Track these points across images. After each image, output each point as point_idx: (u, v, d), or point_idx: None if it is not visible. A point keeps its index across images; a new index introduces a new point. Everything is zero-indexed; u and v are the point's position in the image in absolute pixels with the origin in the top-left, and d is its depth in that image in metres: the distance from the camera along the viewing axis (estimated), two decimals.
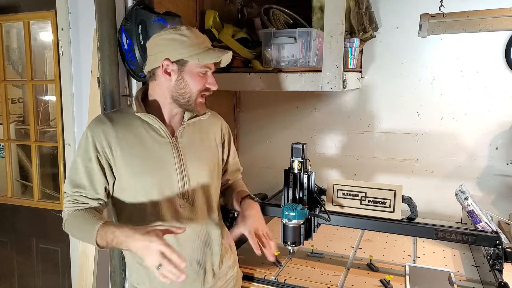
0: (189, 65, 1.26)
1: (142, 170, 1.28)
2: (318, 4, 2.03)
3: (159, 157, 1.30)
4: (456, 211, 2.31)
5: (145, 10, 1.66)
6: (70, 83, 1.96)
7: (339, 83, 1.77)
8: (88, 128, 1.30)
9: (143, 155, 1.28)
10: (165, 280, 1.07)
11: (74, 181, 1.28)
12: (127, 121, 1.30)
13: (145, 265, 1.12)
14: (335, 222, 1.65)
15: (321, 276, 1.66)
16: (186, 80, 1.27)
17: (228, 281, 1.49)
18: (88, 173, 1.27)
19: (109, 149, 1.27)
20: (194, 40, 1.26)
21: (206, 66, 1.29)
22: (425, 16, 1.86)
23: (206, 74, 1.30)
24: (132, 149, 1.27)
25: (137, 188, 1.29)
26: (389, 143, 2.49)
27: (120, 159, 1.27)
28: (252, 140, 2.81)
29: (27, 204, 2.34)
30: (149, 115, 1.30)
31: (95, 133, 1.27)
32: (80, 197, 1.27)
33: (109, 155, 1.27)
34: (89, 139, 1.27)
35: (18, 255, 2.41)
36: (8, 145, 2.41)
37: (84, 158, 1.27)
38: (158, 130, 1.31)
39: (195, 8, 2.18)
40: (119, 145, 1.27)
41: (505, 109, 2.23)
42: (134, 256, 1.32)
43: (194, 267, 1.36)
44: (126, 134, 1.28)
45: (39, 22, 2.39)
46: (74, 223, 1.27)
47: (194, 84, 1.28)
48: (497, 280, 1.45)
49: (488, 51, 2.22)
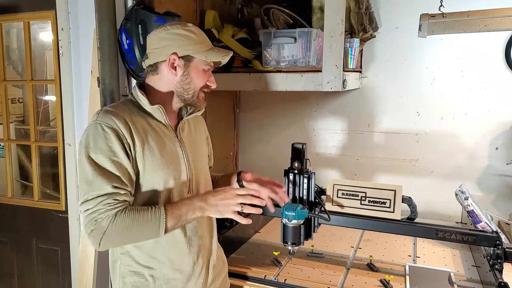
0: (195, 61, 1.29)
1: (160, 164, 1.25)
2: (318, 4, 2.02)
3: (171, 150, 1.30)
4: (456, 211, 2.31)
5: (145, 10, 1.66)
6: (70, 83, 1.96)
7: (339, 83, 1.77)
8: (99, 121, 1.19)
9: (159, 149, 1.26)
10: (247, 221, 1.23)
11: (110, 178, 1.16)
12: (133, 114, 1.26)
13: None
14: (335, 222, 1.65)
15: (321, 276, 1.66)
16: (191, 76, 1.29)
17: (221, 275, 1.50)
18: (120, 168, 1.17)
19: (131, 140, 1.20)
20: (201, 38, 1.30)
21: (209, 64, 1.32)
22: (425, 16, 1.86)
23: (208, 72, 1.34)
24: (149, 143, 1.24)
25: (150, 182, 1.25)
26: (389, 143, 2.48)
27: (140, 152, 1.22)
28: (252, 140, 2.81)
29: (27, 204, 2.33)
30: (159, 107, 1.28)
31: (113, 125, 1.18)
32: (120, 195, 1.16)
33: (131, 146, 1.20)
34: (107, 131, 1.17)
35: (18, 255, 2.41)
36: (8, 145, 2.41)
37: (108, 152, 1.17)
38: (164, 124, 1.31)
39: (195, 8, 2.19)
40: (138, 137, 1.22)
41: (505, 109, 2.23)
42: (132, 258, 1.29)
43: (200, 262, 1.36)
44: (138, 126, 1.24)
45: (39, 22, 2.38)
46: (127, 224, 1.15)
47: (199, 80, 1.31)
48: (497, 280, 1.45)
49: (488, 51, 2.22)
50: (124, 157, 1.19)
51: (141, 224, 1.16)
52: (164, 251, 1.29)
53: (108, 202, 1.14)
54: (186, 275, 1.33)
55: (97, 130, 1.18)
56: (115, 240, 1.19)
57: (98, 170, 1.16)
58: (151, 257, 1.29)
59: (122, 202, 1.17)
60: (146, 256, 1.29)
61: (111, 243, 1.21)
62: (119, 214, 1.15)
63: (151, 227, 1.17)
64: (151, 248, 1.28)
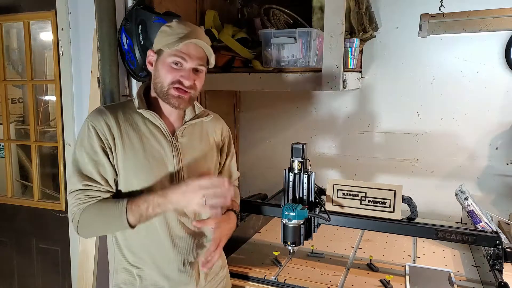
0: (164, 54, 1.24)
1: (142, 167, 1.25)
2: (318, 4, 2.03)
3: (159, 155, 1.28)
4: (456, 211, 2.31)
5: (145, 10, 1.66)
6: (70, 83, 1.96)
7: (339, 83, 1.77)
8: (89, 119, 1.24)
9: (143, 152, 1.26)
10: (216, 211, 1.18)
11: (83, 175, 1.21)
12: (128, 116, 1.27)
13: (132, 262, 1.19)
14: (335, 222, 1.65)
15: (321, 276, 1.66)
16: (158, 70, 1.25)
17: (218, 280, 1.47)
18: (97, 166, 1.22)
19: (113, 141, 1.23)
20: (176, 30, 1.23)
21: (178, 56, 1.22)
22: (425, 16, 1.86)
23: (181, 67, 1.24)
24: (133, 145, 1.25)
25: (134, 184, 1.26)
26: (389, 143, 2.49)
27: (121, 153, 1.23)
28: (252, 140, 2.81)
29: (27, 204, 2.33)
30: (151, 112, 1.27)
31: (97, 124, 1.22)
32: (92, 192, 1.21)
33: (112, 147, 1.23)
34: (91, 131, 1.22)
35: (18, 255, 2.41)
36: (8, 145, 2.41)
37: (89, 151, 1.22)
38: (158, 128, 1.30)
39: (195, 8, 2.19)
40: (121, 139, 1.24)
41: (505, 109, 2.23)
42: (123, 256, 1.30)
43: (187, 269, 1.33)
44: (127, 128, 1.25)
45: (39, 22, 2.38)
46: (92, 216, 1.21)
47: (164, 74, 1.24)
48: (497, 280, 1.45)
49: (488, 51, 2.22)
50: (103, 156, 1.22)
51: (106, 217, 1.21)
52: (150, 254, 1.29)
53: (79, 197, 1.22)
54: (173, 281, 1.31)
55: (84, 128, 1.25)
56: (88, 230, 1.27)
57: (76, 167, 1.23)
58: (139, 258, 1.30)
59: (93, 197, 1.22)
60: (134, 256, 1.30)
61: (87, 233, 1.30)
62: (87, 208, 1.21)
63: (116, 222, 1.20)
64: (139, 250, 1.30)
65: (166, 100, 1.27)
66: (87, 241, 1.85)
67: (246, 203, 1.81)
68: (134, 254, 1.30)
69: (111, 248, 1.35)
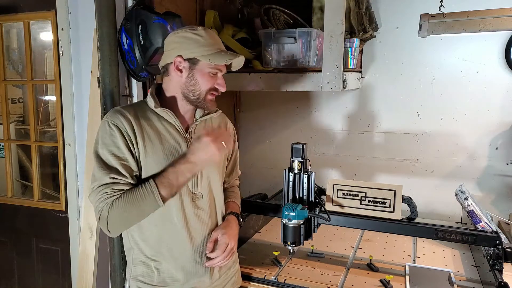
0: (201, 64, 1.30)
1: (161, 163, 1.29)
2: (318, 4, 2.03)
3: (176, 151, 1.33)
4: (456, 211, 2.31)
5: (145, 10, 1.66)
6: (70, 83, 1.96)
7: (339, 83, 1.77)
8: (108, 119, 1.28)
9: (163, 149, 1.31)
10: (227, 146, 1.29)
11: (109, 169, 1.24)
12: (144, 115, 1.33)
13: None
14: (335, 222, 1.65)
15: (321, 276, 1.66)
16: (196, 78, 1.31)
17: (230, 275, 1.52)
18: (121, 161, 1.25)
19: (134, 137, 1.27)
20: (208, 41, 1.30)
21: (216, 68, 1.32)
22: (425, 16, 1.86)
23: (216, 75, 1.34)
24: (152, 142, 1.30)
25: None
26: (389, 143, 2.49)
27: (142, 149, 1.28)
28: (252, 140, 2.81)
29: (27, 204, 2.33)
30: (166, 110, 1.33)
31: (118, 122, 1.27)
32: (118, 185, 1.24)
33: (134, 143, 1.27)
34: (113, 129, 1.26)
35: (18, 255, 2.41)
36: (8, 145, 2.41)
37: (113, 148, 1.25)
38: (173, 125, 1.35)
39: (195, 8, 2.19)
40: (141, 137, 1.28)
41: (505, 109, 2.23)
42: (141, 250, 1.35)
43: (203, 261, 1.38)
44: (145, 126, 1.30)
45: (39, 22, 2.38)
46: (123, 206, 1.22)
47: (204, 83, 1.32)
48: (497, 280, 1.45)
49: (488, 51, 2.22)
50: (127, 151, 1.26)
51: (138, 202, 1.23)
52: (167, 246, 1.34)
53: (106, 191, 1.23)
54: (189, 273, 1.36)
55: (104, 127, 1.28)
56: (120, 224, 1.27)
57: (101, 164, 1.25)
58: (156, 251, 1.34)
59: (119, 191, 1.23)
60: (152, 249, 1.34)
61: (118, 227, 1.28)
62: (115, 201, 1.22)
63: (148, 202, 1.23)
64: (156, 243, 1.34)
65: (201, 104, 1.35)
66: (87, 241, 1.85)
67: (246, 203, 1.81)
68: (152, 248, 1.34)
69: (126, 243, 1.40)
